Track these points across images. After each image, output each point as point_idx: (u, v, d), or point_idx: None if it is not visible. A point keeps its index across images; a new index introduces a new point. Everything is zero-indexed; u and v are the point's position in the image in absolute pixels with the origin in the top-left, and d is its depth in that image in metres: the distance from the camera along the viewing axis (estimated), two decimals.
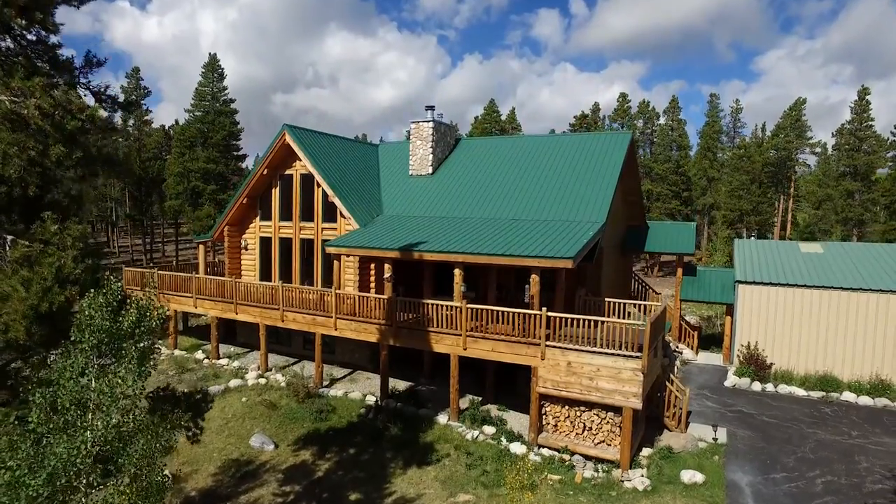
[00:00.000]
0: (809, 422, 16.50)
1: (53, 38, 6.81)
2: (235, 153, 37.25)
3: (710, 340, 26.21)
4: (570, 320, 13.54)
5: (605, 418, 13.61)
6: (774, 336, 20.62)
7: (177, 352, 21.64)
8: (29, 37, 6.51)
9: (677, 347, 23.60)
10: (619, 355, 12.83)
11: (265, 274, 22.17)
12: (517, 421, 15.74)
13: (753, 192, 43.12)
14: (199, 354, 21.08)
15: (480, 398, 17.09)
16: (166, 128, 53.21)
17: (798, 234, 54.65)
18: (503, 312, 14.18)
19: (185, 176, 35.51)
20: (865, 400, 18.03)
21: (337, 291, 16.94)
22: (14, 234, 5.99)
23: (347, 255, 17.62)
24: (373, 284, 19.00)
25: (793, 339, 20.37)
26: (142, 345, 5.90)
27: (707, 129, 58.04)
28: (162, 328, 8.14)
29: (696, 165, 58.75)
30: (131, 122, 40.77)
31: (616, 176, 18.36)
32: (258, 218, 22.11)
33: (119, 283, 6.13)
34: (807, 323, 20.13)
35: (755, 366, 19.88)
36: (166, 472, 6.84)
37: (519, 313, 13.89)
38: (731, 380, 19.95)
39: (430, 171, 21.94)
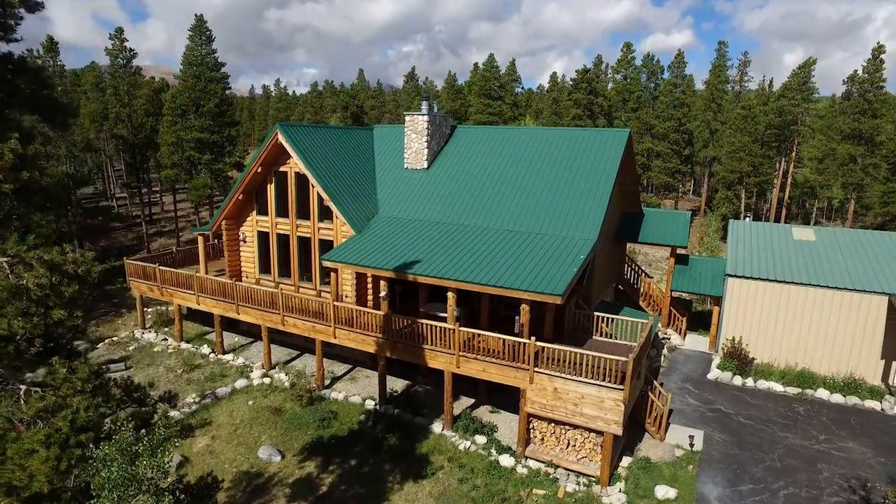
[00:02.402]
0: (782, 424, 17.55)
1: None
2: (228, 119, 36.44)
3: (699, 320, 27.00)
4: (557, 351, 14.14)
5: (587, 437, 14.57)
6: (759, 329, 21.35)
7: (183, 344, 22.52)
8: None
9: (665, 333, 24.47)
10: (602, 385, 13.56)
11: (264, 266, 22.62)
12: (507, 425, 16.79)
13: (755, 153, 42.55)
14: (205, 349, 21.94)
15: (473, 400, 18.10)
16: (155, 80, 51.51)
17: (798, 191, 54.45)
18: (494, 338, 14.78)
19: (179, 145, 35.00)
20: (838, 398, 19.03)
21: (335, 303, 17.47)
22: (24, 382, 6.43)
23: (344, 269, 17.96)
24: (370, 290, 19.49)
25: (776, 333, 21.12)
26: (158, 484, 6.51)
27: (712, 80, 56.27)
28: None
29: (699, 116, 57.45)
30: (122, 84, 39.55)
31: (611, 185, 18.37)
32: (255, 212, 22.23)
33: (130, 426, 6.64)
34: (791, 318, 20.78)
35: (738, 360, 20.77)
36: None
37: (509, 341, 14.50)
38: (714, 373, 20.91)
39: (426, 165, 21.79)
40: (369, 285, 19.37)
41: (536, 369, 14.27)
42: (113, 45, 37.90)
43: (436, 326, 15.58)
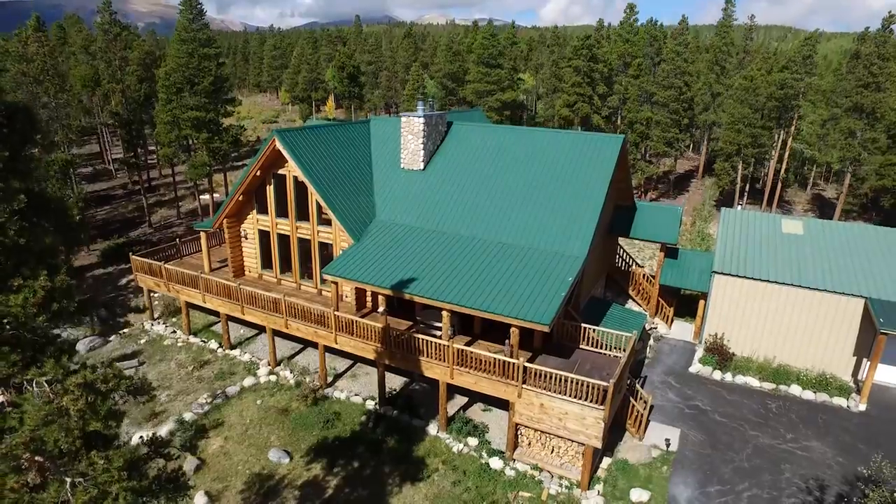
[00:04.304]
0: (754, 422, 18.87)
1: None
2: (224, 97, 36.08)
3: (687, 306, 27.92)
4: (544, 372, 15.18)
5: (570, 445, 15.87)
6: (742, 324, 22.39)
7: (192, 338, 23.61)
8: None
9: (653, 323, 25.55)
10: (584, 405, 14.68)
11: (266, 262, 23.40)
12: (498, 425, 18.09)
13: (755, 124, 42.26)
14: (213, 343, 23.05)
15: (467, 399, 19.37)
16: (146, 43, 50.25)
17: (796, 160, 54.30)
18: (486, 355, 15.79)
19: (175, 124, 34.82)
20: (809, 395, 20.31)
21: (336, 313, 18.39)
22: (68, 474, 7.40)
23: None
24: (369, 293, 20.34)
25: (758, 328, 22.18)
26: None
27: (717, 41, 54.87)
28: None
29: (702, 77, 56.36)
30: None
31: (602, 197, 18.84)
32: (255, 211, 22.76)
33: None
34: (773, 314, 21.75)
35: (719, 355, 21.94)
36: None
37: (499, 361, 15.51)
38: (696, 366, 22.12)
39: (422, 166, 22.10)
40: (368, 290, 20.20)
41: (524, 386, 15.35)
42: (101, 19, 36.90)
43: (431, 342, 16.55)
